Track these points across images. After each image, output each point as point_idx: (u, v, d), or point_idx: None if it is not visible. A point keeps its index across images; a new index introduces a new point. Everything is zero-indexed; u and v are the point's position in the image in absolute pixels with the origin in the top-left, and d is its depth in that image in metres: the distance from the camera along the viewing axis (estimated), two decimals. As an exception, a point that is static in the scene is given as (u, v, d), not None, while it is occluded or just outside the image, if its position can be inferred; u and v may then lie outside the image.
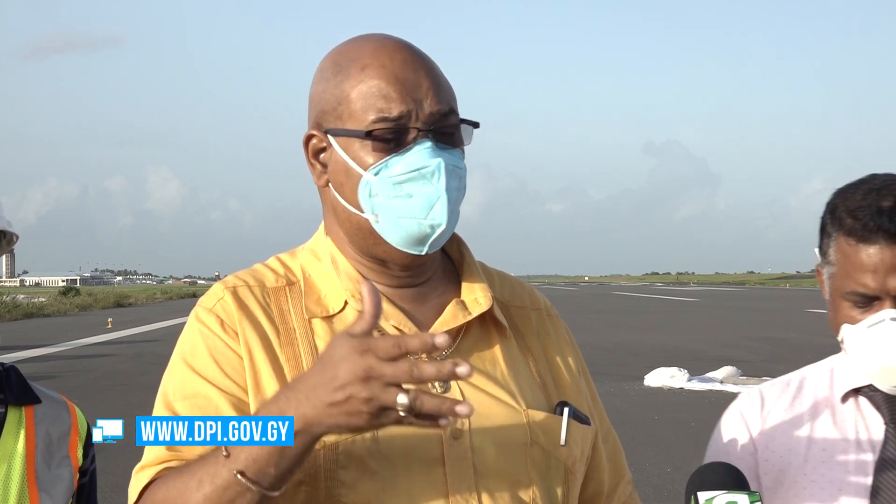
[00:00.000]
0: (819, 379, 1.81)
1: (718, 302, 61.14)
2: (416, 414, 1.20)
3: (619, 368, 17.76)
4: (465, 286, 1.57)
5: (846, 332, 1.68)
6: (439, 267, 1.59)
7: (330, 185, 1.52)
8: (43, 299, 57.61)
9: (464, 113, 1.52)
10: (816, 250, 1.78)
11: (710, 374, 15.92)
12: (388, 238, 1.48)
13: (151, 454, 1.40)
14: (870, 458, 1.68)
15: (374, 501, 1.38)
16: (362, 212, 1.49)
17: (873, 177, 1.71)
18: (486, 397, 1.48)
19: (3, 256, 2.12)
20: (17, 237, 2.01)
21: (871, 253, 1.63)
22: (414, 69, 1.47)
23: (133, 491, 1.40)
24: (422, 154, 1.44)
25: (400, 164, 1.44)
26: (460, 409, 1.20)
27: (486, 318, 1.56)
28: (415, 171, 1.44)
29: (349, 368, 1.21)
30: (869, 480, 1.66)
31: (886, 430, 1.69)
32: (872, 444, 1.69)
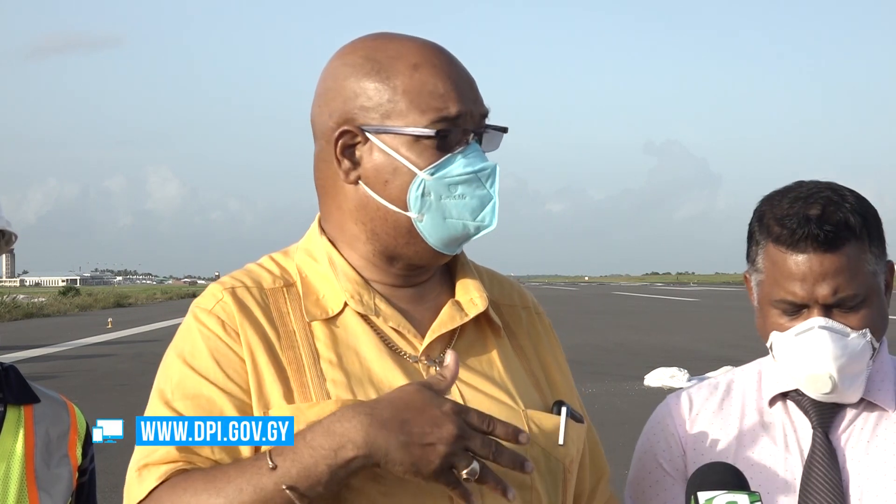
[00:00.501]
0: (747, 382, 1.81)
1: (718, 302, 61.13)
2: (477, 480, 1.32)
3: (619, 368, 17.76)
4: (459, 286, 1.57)
5: (775, 340, 1.68)
6: (437, 267, 1.59)
7: (361, 182, 1.49)
8: (43, 299, 57.64)
9: None
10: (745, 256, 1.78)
11: (709, 374, 15.93)
12: (428, 237, 1.48)
13: (157, 453, 1.37)
14: (798, 461, 1.68)
15: None
16: (405, 210, 1.47)
17: (800, 184, 1.70)
18: (484, 398, 1.48)
19: (3, 256, 2.12)
20: (17, 237, 2.01)
21: (800, 261, 1.63)
22: (462, 70, 1.49)
23: (138, 490, 1.36)
24: (477, 156, 1.46)
25: (458, 164, 1.45)
26: (510, 495, 1.34)
27: (480, 318, 1.56)
28: (472, 172, 1.45)
29: (441, 421, 1.29)
30: (797, 483, 1.66)
31: (814, 434, 1.69)
32: (800, 447, 1.69)
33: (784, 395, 1.74)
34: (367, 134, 1.47)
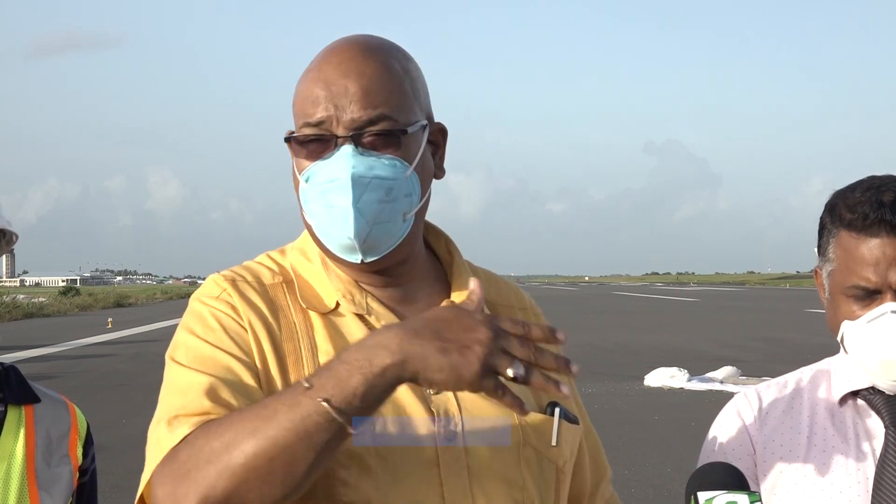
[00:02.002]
0: (817, 381, 1.80)
1: (718, 302, 61.13)
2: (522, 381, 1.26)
3: (619, 368, 17.77)
4: (454, 287, 1.57)
5: (846, 329, 1.67)
6: (425, 266, 1.58)
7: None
8: (43, 299, 57.60)
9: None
10: (816, 251, 1.78)
11: (710, 374, 15.91)
12: (326, 244, 1.48)
13: (191, 404, 1.34)
14: (869, 460, 1.67)
15: (373, 501, 1.38)
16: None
17: (872, 177, 1.71)
18: (477, 398, 1.46)
19: (3, 256, 2.12)
20: (17, 237, 2.01)
21: (873, 246, 1.63)
22: (344, 73, 1.44)
23: (169, 439, 1.31)
24: (337, 163, 1.42)
25: (321, 172, 1.44)
26: (574, 369, 1.29)
27: None
28: (329, 181, 1.43)
29: (475, 325, 1.25)
30: (869, 483, 1.65)
31: (886, 433, 1.68)
32: (872, 446, 1.69)
33: (855, 394, 1.73)
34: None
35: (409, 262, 1.54)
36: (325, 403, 1.23)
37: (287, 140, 1.48)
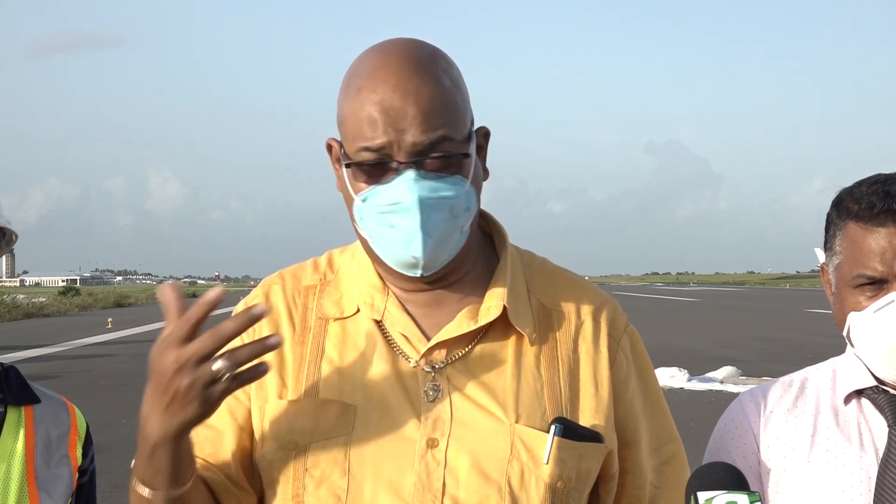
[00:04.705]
0: (821, 380, 1.80)
1: (718, 302, 61.13)
2: (237, 374, 1.31)
3: (619, 368, 17.73)
4: (489, 292, 1.55)
5: (852, 320, 1.67)
6: (476, 269, 1.57)
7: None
8: (43, 299, 57.66)
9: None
10: (818, 251, 1.78)
11: (710, 374, 15.92)
12: (383, 258, 1.49)
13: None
14: (873, 460, 1.67)
15: (345, 498, 1.43)
16: (360, 229, 1.50)
17: (878, 174, 1.72)
18: (474, 408, 1.48)
19: (3, 256, 2.12)
20: (17, 236, 2.01)
21: (880, 236, 1.64)
22: (403, 95, 1.42)
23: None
24: (400, 188, 1.42)
25: (381, 195, 1.44)
26: (271, 340, 1.32)
27: (509, 324, 1.53)
28: (393, 204, 1.43)
29: (158, 370, 1.32)
30: (872, 482, 1.65)
31: (890, 433, 1.68)
32: (875, 446, 1.68)
33: (859, 394, 1.74)
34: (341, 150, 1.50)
35: (458, 267, 1.54)
36: (156, 492, 1.41)
37: (346, 164, 1.46)
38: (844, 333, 1.71)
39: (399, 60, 1.45)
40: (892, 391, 1.71)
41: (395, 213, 1.43)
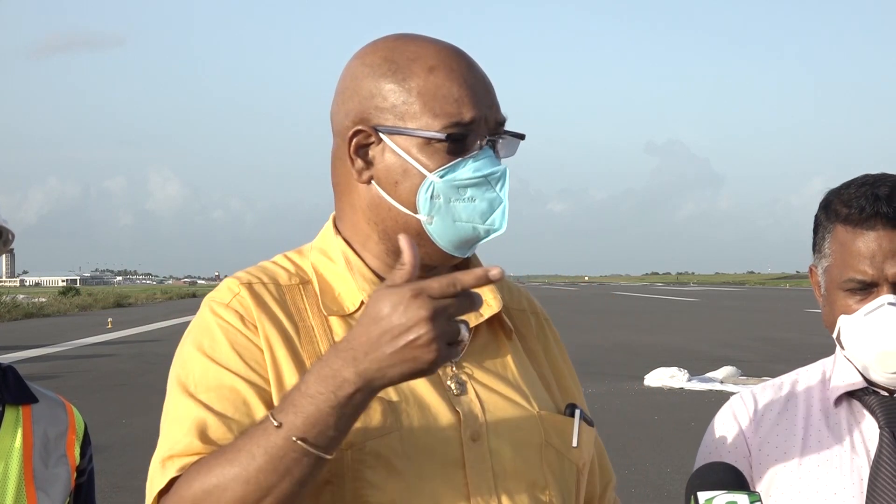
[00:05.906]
0: (812, 382, 1.80)
1: (718, 302, 61.15)
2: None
3: (619, 368, 17.78)
4: (474, 288, 1.57)
5: (843, 323, 1.67)
6: (463, 263, 1.58)
7: (374, 182, 1.50)
8: (43, 299, 57.65)
9: None
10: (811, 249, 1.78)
11: (710, 374, 15.92)
12: (438, 239, 1.48)
13: (180, 444, 1.37)
14: (865, 462, 1.67)
15: (399, 502, 1.39)
16: (415, 212, 1.48)
17: (865, 175, 1.72)
18: (500, 399, 1.49)
19: (3, 256, 2.12)
20: (14, 235, 2.01)
21: (869, 239, 1.64)
22: (480, 76, 1.49)
23: (160, 480, 1.36)
24: (488, 160, 1.46)
25: (468, 168, 1.45)
26: (493, 273, 1.27)
27: (493, 321, 1.56)
28: (482, 176, 1.45)
29: (408, 313, 1.23)
30: (864, 484, 1.65)
31: (880, 434, 1.68)
32: (867, 448, 1.69)
33: (850, 395, 1.74)
34: (381, 134, 1.48)
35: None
36: (300, 443, 1.26)
37: (401, 134, 1.46)
38: (834, 336, 1.71)
39: (450, 46, 1.52)
40: (882, 393, 1.71)
41: (479, 186, 1.46)
